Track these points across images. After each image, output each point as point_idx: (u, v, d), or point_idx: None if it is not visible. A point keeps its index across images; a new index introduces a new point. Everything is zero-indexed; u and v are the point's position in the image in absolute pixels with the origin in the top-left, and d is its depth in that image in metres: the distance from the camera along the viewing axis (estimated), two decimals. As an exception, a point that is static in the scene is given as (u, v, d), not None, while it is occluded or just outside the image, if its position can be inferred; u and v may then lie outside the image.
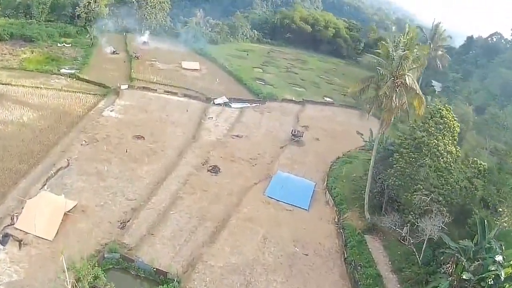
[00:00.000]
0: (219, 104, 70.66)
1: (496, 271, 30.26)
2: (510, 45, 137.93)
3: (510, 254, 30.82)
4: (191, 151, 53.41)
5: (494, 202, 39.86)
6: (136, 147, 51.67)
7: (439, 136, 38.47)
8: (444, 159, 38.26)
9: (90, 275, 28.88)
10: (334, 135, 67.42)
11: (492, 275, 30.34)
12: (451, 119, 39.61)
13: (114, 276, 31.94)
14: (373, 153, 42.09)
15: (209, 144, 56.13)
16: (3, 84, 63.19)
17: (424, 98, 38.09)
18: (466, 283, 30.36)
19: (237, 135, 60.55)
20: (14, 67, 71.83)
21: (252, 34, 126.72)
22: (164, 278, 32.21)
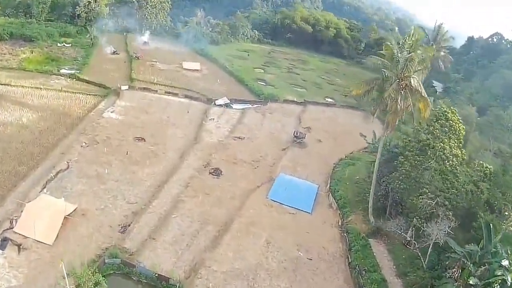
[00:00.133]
0: (220, 105, 70.08)
1: (502, 276, 30.04)
2: (511, 45, 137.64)
3: (516, 258, 30.43)
4: (193, 153, 52.83)
5: (499, 205, 39.48)
6: (137, 149, 51.10)
7: (444, 139, 37.93)
8: (449, 162, 37.70)
9: (91, 282, 28.49)
10: (336, 137, 66.91)
11: (499, 280, 30.16)
12: (457, 122, 39.07)
13: (115, 282, 31.55)
14: (377, 155, 41.55)
15: (210, 146, 55.53)
16: (2, 84, 62.63)
17: (429, 100, 37.56)
18: (472, 288, 29.95)
19: (238, 137, 59.95)
20: (14, 67, 71.35)
21: (252, 34, 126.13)
22: (166, 284, 31.81)
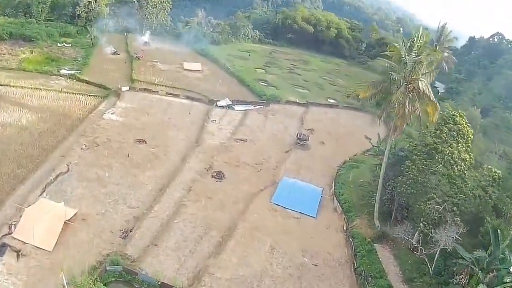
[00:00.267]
0: (222, 106, 69.24)
1: (511, 283, 29.38)
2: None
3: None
4: (195, 155, 51.99)
5: (507, 210, 38.86)
6: (138, 152, 50.25)
7: (453, 143, 37.20)
8: (458, 167, 37.00)
9: (92, 290, 27.68)
10: (339, 138, 66.09)
11: (508, 287, 29.42)
12: (465, 126, 38.37)
13: (117, 290, 30.76)
14: (384, 159, 40.73)
15: (212, 148, 54.68)
16: (1, 85, 61.69)
17: (438, 104, 36.82)
18: (481, 295, 29.37)
19: (241, 139, 59.09)
20: (13, 68, 70.48)
21: (253, 34, 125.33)
22: (169, 292, 31.01)
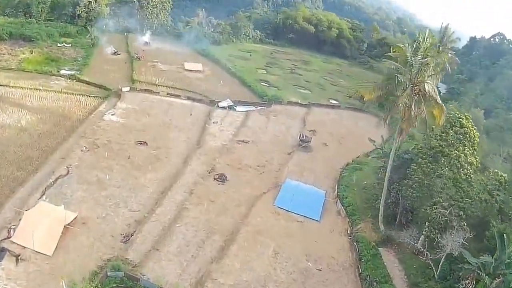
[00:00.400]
0: (224, 107, 68.62)
1: (517, 288, 28.97)
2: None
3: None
4: (196, 157, 51.35)
5: (512, 214, 38.27)
6: (139, 154, 49.62)
7: (459, 147, 36.59)
8: (464, 170, 36.41)
9: (93, 297, 27.12)
10: (341, 140, 65.46)
11: (515, 292, 29.05)
12: (471, 129, 37.77)
13: (118, 297, 30.15)
14: (389, 162, 40.07)
15: (214, 150, 54.03)
16: (1, 85, 61.31)
17: (444, 107, 36.19)
18: (488, 300, 28.88)
19: (243, 141, 58.43)
20: (13, 68, 70.17)
21: (254, 34, 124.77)
22: (171, 298, 30.42)
